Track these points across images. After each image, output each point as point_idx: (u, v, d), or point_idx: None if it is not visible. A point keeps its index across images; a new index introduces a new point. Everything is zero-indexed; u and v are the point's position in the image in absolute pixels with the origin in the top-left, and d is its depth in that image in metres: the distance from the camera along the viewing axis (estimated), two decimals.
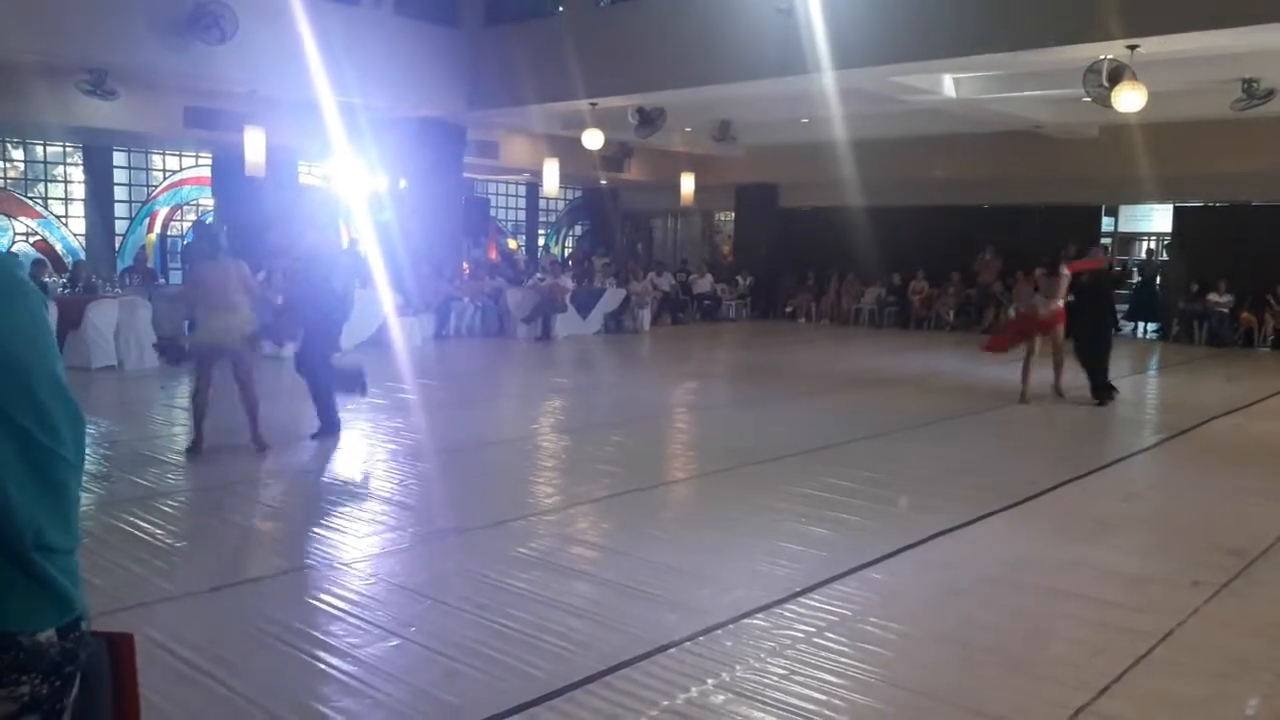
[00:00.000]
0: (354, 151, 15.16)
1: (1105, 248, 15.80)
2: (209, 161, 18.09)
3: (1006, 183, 18.69)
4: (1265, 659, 3.79)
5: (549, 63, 13.87)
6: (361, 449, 7.61)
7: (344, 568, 4.72)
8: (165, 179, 18.51)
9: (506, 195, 24.12)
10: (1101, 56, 10.42)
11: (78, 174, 17.34)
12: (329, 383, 7.58)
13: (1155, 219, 19.93)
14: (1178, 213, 18.55)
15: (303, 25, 11.84)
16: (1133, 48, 10.04)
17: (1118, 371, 10.73)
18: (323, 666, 3.58)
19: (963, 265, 19.35)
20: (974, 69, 12.59)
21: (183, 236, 18.45)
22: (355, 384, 7.87)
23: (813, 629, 3.97)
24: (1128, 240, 21.13)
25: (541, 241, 24.97)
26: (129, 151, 17.70)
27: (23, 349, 1.33)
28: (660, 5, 13.37)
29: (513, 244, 23.65)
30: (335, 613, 4.09)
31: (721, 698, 3.35)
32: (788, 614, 4.13)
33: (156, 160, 18.28)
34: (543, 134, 17.70)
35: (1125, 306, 17.79)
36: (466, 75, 15.18)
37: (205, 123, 14.59)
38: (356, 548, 5.05)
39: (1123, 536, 5.60)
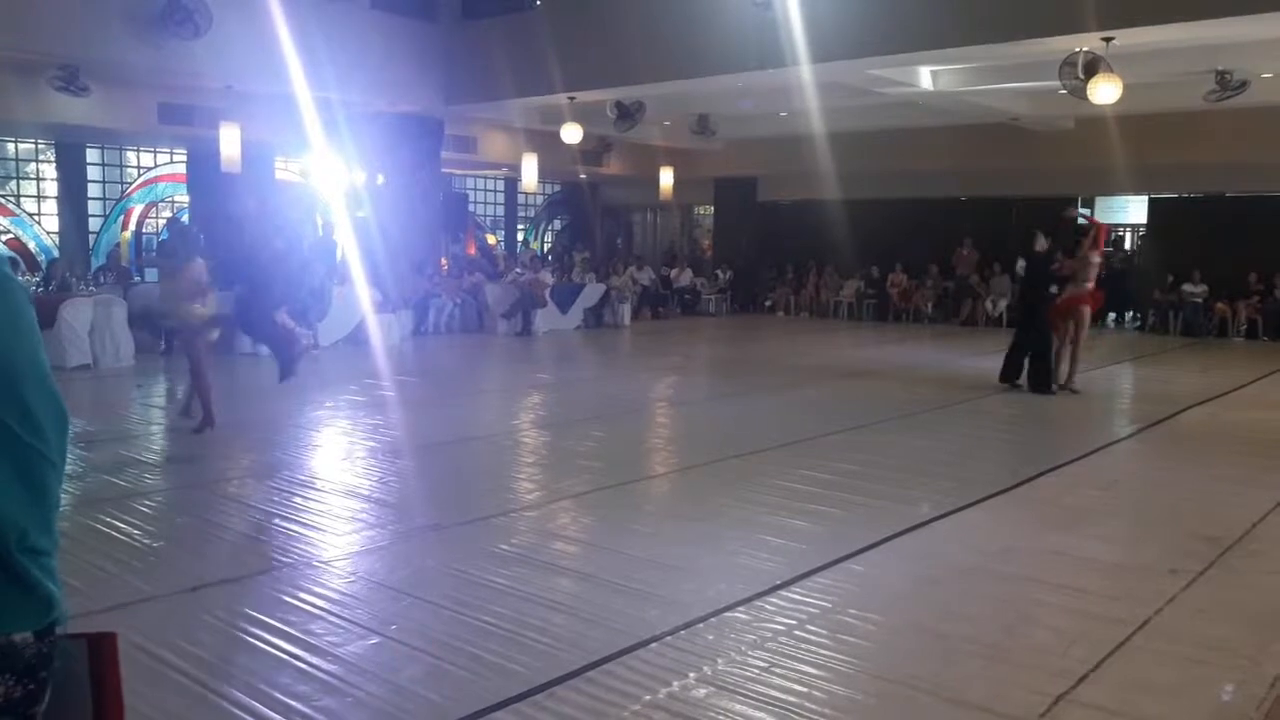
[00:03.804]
0: (331, 147, 15.05)
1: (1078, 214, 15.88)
2: (184, 158, 17.93)
3: (983, 175, 18.78)
4: (1241, 645, 3.83)
5: (526, 57, 13.82)
6: (340, 446, 7.57)
7: (323, 566, 4.70)
8: (140, 176, 18.33)
9: (485, 190, 24.02)
10: (1077, 49, 10.50)
11: (50, 171, 17.15)
12: (272, 336, 7.82)
13: (1131, 210, 20.08)
14: (1153, 204, 18.70)
15: (278, 19, 11.72)
16: (1108, 40, 10.12)
17: (1096, 361, 10.81)
18: (303, 665, 3.56)
19: (941, 258, 19.44)
20: (951, 62, 12.65)
21: (157, 234, 18.26)
22: (287, 357, 7.83)
23: (793, 621, 3.98)
24: None
25: (520, 236, 24.88)
26: (103, 148, 17.52)
27: (6, 345, 1.30)
28: None
29: (491, 239, 23.56)
30: (315, 611, 4.07)
31: (703, 691, 3.36)
32: (769, 607, 4.15)
33: (131, 157, 18.10)
34: (521, 128, 17.65)
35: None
36: (444, 70, 15.10)
37: (180, 119, 14.46)
38: (336, 546, 5.02)
39: (1100, 525, 5.64)
